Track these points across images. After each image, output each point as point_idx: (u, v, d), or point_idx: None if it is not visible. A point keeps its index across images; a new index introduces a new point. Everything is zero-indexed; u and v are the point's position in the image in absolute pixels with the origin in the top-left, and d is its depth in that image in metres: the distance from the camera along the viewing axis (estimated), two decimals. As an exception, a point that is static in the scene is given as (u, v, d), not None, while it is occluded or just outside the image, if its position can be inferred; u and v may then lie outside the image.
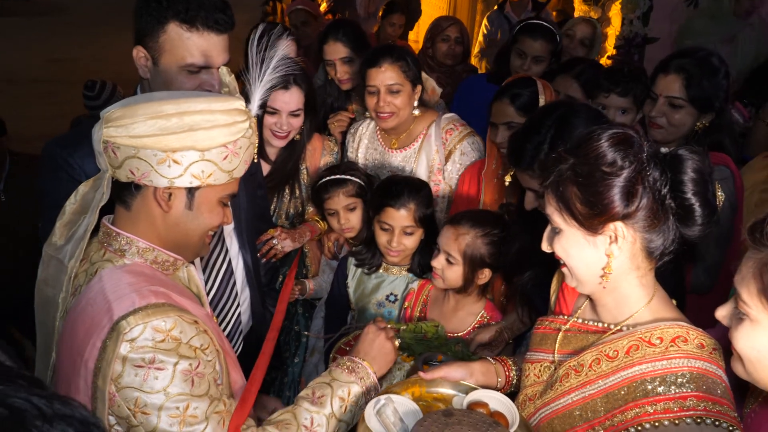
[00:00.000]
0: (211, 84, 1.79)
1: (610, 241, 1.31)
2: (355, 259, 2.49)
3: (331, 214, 2.61)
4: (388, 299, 2.44)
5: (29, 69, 9.20)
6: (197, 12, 1.72)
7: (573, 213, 1.31)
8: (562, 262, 1.40)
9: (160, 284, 1.41)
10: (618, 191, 1.26)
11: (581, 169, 1.30)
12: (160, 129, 1.32)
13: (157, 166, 1.35)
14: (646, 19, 4.83)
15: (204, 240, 1.52)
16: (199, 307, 1.49)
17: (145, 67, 1.82)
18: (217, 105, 1.39)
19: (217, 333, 1.53)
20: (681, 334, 1.30)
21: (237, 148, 1.41)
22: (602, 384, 1.34)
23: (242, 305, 2.21)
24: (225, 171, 1.41)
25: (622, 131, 1.30)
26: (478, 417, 1.40)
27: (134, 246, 1.44)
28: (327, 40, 3.11)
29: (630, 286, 1.36)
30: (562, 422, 1.40)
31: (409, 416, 1.46)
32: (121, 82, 4.43)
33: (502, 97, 2.43)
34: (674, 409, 1.24)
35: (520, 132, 1.93)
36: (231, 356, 1.59)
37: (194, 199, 1.43)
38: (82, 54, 10.05)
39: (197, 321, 1.37)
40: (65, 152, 1.80)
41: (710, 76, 2.35)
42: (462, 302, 2.26)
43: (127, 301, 1.33)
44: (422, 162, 2.71)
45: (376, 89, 2.60)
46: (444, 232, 2.19)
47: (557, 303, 1.60)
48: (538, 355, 1.54)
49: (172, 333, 1.31)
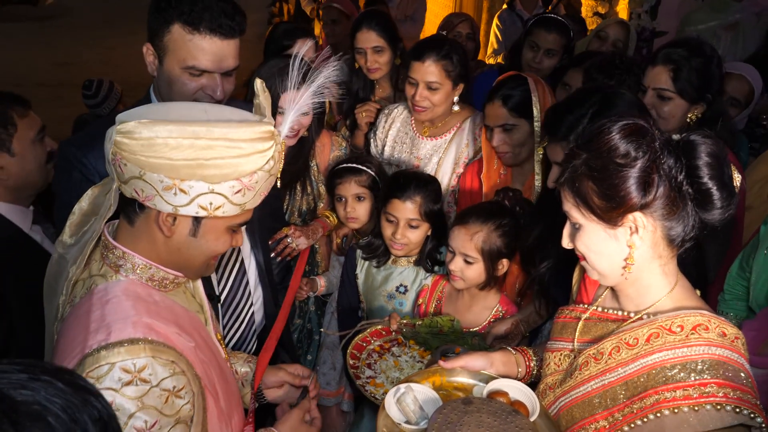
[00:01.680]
0: (212, 88, 1.78)
1: (631, 232, 1.31)
2: (363, 252, 2.50)
3: (339, 200, 2.63)
4: (398, 290, 2.44)
5: (36, 73, 9.21)
6: (201, 15, 1.71)
7: (591, 207, 1.31)
8: (583, 257, 1.40)
9: (148, 310, 1.31)
10: (634, 182, 1.26)
11: (595, 163, 1.30)
12: (170, 155, 1.22)
13: (162, 191, 1.26)
14: (653, 13, 4.83)
15: (209, 263, 1.44)
16: (190, 333, 1.39)
17: (153, 64, 1.83)
18: (238, 133, 1.26)
19: (210, 361, 1.43)
20: (702, 322, 1.30)
21: (252, 182, 1.30)
22: (622, 371, 1.35)
23: (255, 304, 2.22)
24: (236, 204, 1.31)
25: (632, 122, 1.30)
26: (497, 405, 1.40)
27: (130, 262, 1.36)
28: (360, 27, 3.13)
29: (652, 275, 1.36)
30: (582, 410, 1.41)
31: (429, 404, 1.47)
32: (128, 84, 4.46)
33: (493, 99, 2.41)
34: (694, 396, 1.24)
35: (562, 103, 1.93)
36: (223, 387, 1.47)
37: (200, 228, 1.34)
38: (88, 57, 10.08)
39: (174, 361, 1.26)
40: (79, 152, 1.81)
41: (700, 67, 2.30)
42: (477, 297, 2.26)
43: (103, 333, 1.24)
44: (450, 153, 2.72)
45: (416, 82, 2.61)
46: (455, 234, 2.19)
47: (579, 292, 1.61)
48: (559, 344, 1.54)
49: (142, 375, 1.21)
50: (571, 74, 2.94)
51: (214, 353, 1.48)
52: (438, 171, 2.72)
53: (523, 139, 2.40)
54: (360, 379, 2.03)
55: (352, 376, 2.04)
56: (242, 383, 1.78)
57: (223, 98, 1.81)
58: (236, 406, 1.56)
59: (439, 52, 2.59)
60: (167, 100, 1.85)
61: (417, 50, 2.64)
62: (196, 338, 1.40)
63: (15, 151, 2.12)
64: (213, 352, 1.48)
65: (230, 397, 1.51)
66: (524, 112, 2.37)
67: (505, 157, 2.45)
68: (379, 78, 3.18)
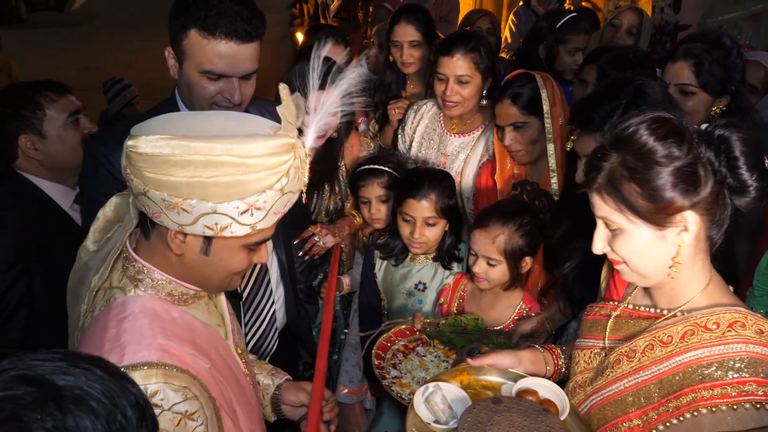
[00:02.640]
0: (230, 92, 1.78)
1: (680, 230, 1.27)
2: (381, 251, 2.50)
3: (364, 202, 2.64)
4: (417, 288, 2.44)
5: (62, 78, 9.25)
6: (216, 20, 1.70)
7: (637, 211, 1.26)
8: (621, 261, 1.34)
9: (164, 330, 1.27)
10: (682, 181, 1.23)
11: (635, 164, 1.25)
12: (171, 173, 1.15)
13: (166, 210, 1.19)
14: (677, 7, 4.74)
15: (230, 279, 1.37)
16: (207, 352, 1.34)
17: (174, 68, 1.84)
18: (244, 149, 1.16)
19: (228, 379, 1.39)
20: (738, 319, 1.27)
21: (261, 202, 1.20)
22: (656, 369, 1.32)
23: (277, 303, 2.22)
24: (245, 225, 1.22)
25: (666, 118, 1.26)
26: (527, 404, 1.38)
27: (149, 276, 1.32)
28: (399, 21, 3.14)
29: (692, 272, 1.33)
30: (615, 408, 1.38)
31: (458, 404, 1.45)
32: (154, 87, 4.55)
33: (503, 99, 2.40)
34: (732, 394, 1.21)
35: (594, 95, 1.90)
36: (243, 403, 1.43)
37: (211, 246, 1.27)
38: (113, 62, 10.23)
39: (187, 387, 1.21)
40: (106, 150, 1.82)
41: (721, 59, 2.25)
42: (500, 295, 2.25)
43: (116, 355, 1.20)
44: (478, 150, 2.71)
45: (446, 77, 2.61)
46: (476, 237, 2.17)
47: (608, 289, 1.58)
48: (589, 341, 1.52)
49: (154, 400, 1.17)
50: (587, 70, 2.90)
51: (233, 369, 1.44)
52: (465, 168, 2.71)
53: (535, 137, 2.39)
54: (386, 379, 2.02)
55: (378, 376, 2.03)
56: (263, 395, 1.77)
57: (241, 101, 1.81)
58: (257, 420, 1.52)
59: (467, 46, 2.59)
60: (188, 103, 1.86)
61: (445, 45, 2.63)
62: (213, 356, 1.36)
63: (47, 133, 2.28)
64: (231, 368, 1.44)
65: (250, 414, 1.47)
66: (534, 109, 2.35)
67: (519, 156, 2.44)
68: (413, 73, 3.19)
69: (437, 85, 2.66)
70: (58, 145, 2.29)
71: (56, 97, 2.32)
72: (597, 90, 1.92)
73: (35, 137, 2.26)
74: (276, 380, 1.78)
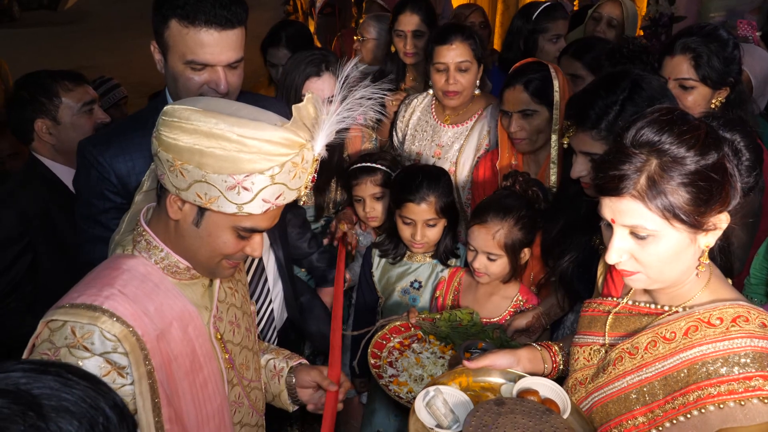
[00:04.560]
0: (216, 82, 1.76)
1: (708, 230, 1.25)
2: (379, 250, 2.49)
3: (357, 200, 2.63)
4: (413, 286, 2.43)
5: (57, 77, 9.33)
6: (195, 8, 1.69)
7: (682, 216, 1.21)
8: (634, 270, 1.29)
9: (130, 285, 1.33)
10: (726, 184, 1.21)
11: (676, 168, 1.19)
12: (178, 137, 1.24)
13: (168, 171, 1.29)
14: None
15: (220, 264, 1.41)
16: (167, 324, 1.36)
17: (160, 62, 1.83)
18: (244, 130, 1.23)
19: (183, 356, 1.39)
20: (742, 313, 1.26)
21: (248, 183, 1.25)
22: (660, 366, 1.30)
23: (275, 300, 2.22)
24: (232, 202, 1.27)
25: (697, 122, 1.23)
26: (530, 405, 1.37)
27: (144, 240, 1.40)
28: (404, 10, 3.14)
29: (695, 269, 1.30)
30: (618, 406, 1.37)
31: (460, 407, 1.44)
32: (148, 86, 4.51)
33: (514, 84, 2.36)
34: (739, 390, 1.20)
35: (589, 90, 1.86)
36: (198, 388, 1.43)
37: (202, 219, 1.34)
38: (107, 61, 10.18)
39: (120, 340, 1.26)
40: (95, 150, 1.82)
41: (719, 51, 2.24)
42: (497, 287, 2.23)
43: (77, 293, 1.31)
44: (472, 141, 2.71)
45: (446, 66, 2.60)
46: (475, 234, 2.15)
47: (605, 284, 1.56)
48: (588, 338, 1.49)
49: (85, 342, 1.25)
50: (564, 62, 2.87)
51: (197, 352, 1.42)
52: (459, 158, 2.70)
53: (541, 126, 2.36)
54: (383, 378, 2.01)
55: (375, 376, 2.01)
56: (278, 379, 1.75)
57: (227, 91, 1.78)
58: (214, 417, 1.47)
59: (463, 33, 2.61)
60: (176, 96, 1.85)
61: (441, 35, 2.63)
62: (175, 331, 1.37)
63: (61, 120, 2.47)
64: (195, 350, 1.42)
65: (206, 402, 1.44)
66: (544, 98, 2.33)
67: (521, 144, 2.40)
68: (413, 64, 3.18)
69: (436, 76, 2.64)
70: (70, 132, 2.45)
71: (73, 87, 2.51)
72: (592, 85, 1.89)
73: (50, 122, 2.44)
74: (290, 362, 1.77)
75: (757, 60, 3.00)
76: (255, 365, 1.67)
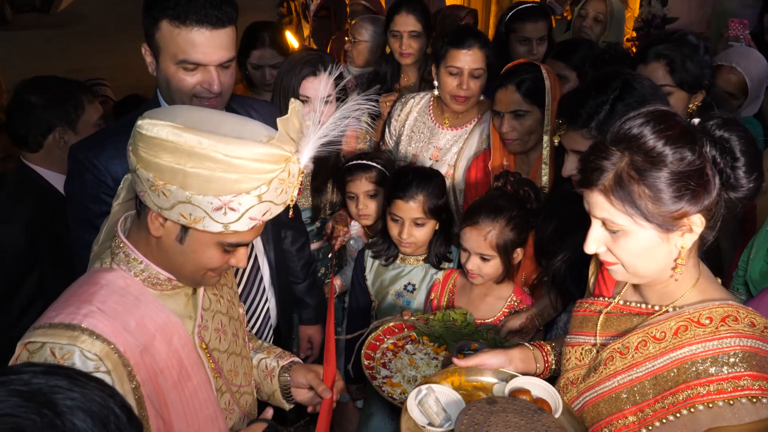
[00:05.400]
0: (209, 82, 1.76)
1: (683, 232, 1.25)
2: (372, 250, 2.49)
3: (351, 197, 2.62)
4: (406, 289, 2.43)
5: (51, 80, 9.31)
6: (186, 7, 1.69)
7: (646, 215, 1.22)
8: (616, 262, 1.31)
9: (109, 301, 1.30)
10: (695, 185, 1.20)
11: (645, 166, 1.21)
12: (160, 156, 1.19)
13: (149, 190, 1.24)
14: (664, 0, 4.75)
15: (205, 276, 1.38)
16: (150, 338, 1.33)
17: (152, 65, 1.82)
18: (228, 149, 1.18)
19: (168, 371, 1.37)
20: (731, 313, 1.27)
21: (236, 203, 1.22)
22: (650, 366, 1.31)
23: (270, 301, 2.23)
24: (218, 222, 1.24)
25: (671, 117, 1.23)
26: (522, 404, 1.38)
27: (123, 253, 1.36)
28: (399, 11, 3.12)
29: (685, 269, 1.30)
30: (609, 405, 1.37)
31: (452, 406, 1.44)
32: (142, 89, 4.48)
33: (506, 84, 2.36)
34: (728, 390, 1.20)
35: (581, 89, 1.88)
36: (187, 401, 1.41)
37: (186, 236, 1.29)
38: (102, 63, 10.15)
39: (101, 359, 1.24)
40: (91, 154, 1.81)
41: (692, 55, 2.27)
42: (491, 288, 2.24)
43: (54, 311, 1.27)
44: (471, 144, 2.70)
45: (460, 71, 2.58)
46: (467, 235, 2.15)
47: (596, 285, 1.57)
48: (579, 338, 1.50)
49: (65, 362, 1.22)
50: (550, 63, 2.88)
51: (184, 362, 1.41)
52: (458, 161, 2.70)
53: (533, 127, 2.37)
54: (376, 379, 2.00)
55: (368, 377, 2.01)
56: (270, 379, 1.74)
57: (221, 91, 1.79)
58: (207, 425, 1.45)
59: (479, 39, 2.59)
60: (168, 99, 1.84)
61: (459, 38, 2.59)
62: (159, 344, 1.35)
63: (79, 130, 2.48)
64: (182, 360, 1.40)
65: (196, 413, 1.42)
66: (536, 99, 2.34)
67: (513, 144, 2.41)
68: (409, 64, 3.17)
69: (448, 78, 2.61)
70: None
71: (92, 99, 2.57)
72: (584, 84, 1.91)
73: (70, 131, 2.45)
74: (281, 362, 1.75)
75: (753, 62, 3.03)
76: (244, 369, 1.66)
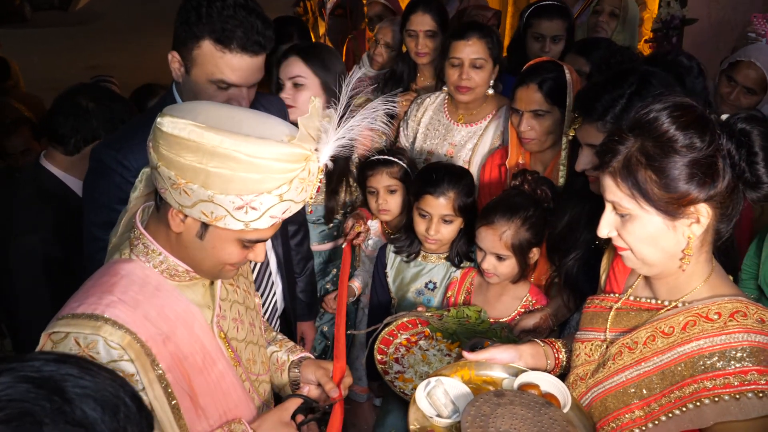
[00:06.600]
0: (238, 100, 1.78)
1: (691, 222, 1.25)
2: (394, 246, 2.48)
3: (371, 192, 2.62)
4: (427, 287, 2.43)
5: (70, 77, 9.40)
6: (233, 33, 1.70)
7: (651, 199, 1.24)
8: (625, 247, 1.32)
9: (130, 290, 1.32)
10: (701, 173, 1.21)
11: (654, 151, 1.22)
12: (182, 155, 1.20)
13: (171, 188, 1.25)
14: (683, 1, 4.71)
15: (222, 268, 1.40)
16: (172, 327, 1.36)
17: (179, 71, 1.82)
18: (250, 148, 1.19)
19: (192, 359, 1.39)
20: (740, 308, 1.27)
21: (257, 203, 1.24)
22: (658, 361, 1.32)
23: (277, 292, 2.30)
24: (239, 220, 1.26)
25: (689, 106, 1.23)
26: (530, 397, 1.39)
27: (141, 244, 1.38)
28: (416, 10, 3.14)
29: (696, 264, 1.32)
30: (617, 400, 1.38)
31: (460, 398, 1.45)
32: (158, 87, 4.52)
33: (527, 83, 2.34)
34: (734, 384, 1.21)
35: (597, 83, 1.88)
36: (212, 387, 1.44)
37: (206, 233, 1.31)
38: (119, 60, 10.26)
39: (124, 348, 1.26)
40: (119, 155, 1.79)
41: (683, 78, 2.26)
42: (507, 287, 2.24)
43: (77, 302, 1.29)
44: (486, 140, 2.71)
45: (461, 62, 2.62)
46: (483, 235, 2.15)
47: (607, 281, 1.57)
48: (589, 334, 1.51)
49: (90, 351, 1.24)
50: (569, 59, 2.87)
51: (207, 349, 1.44)
52: (473, 158, 2.71)
53: (552, 128, 2.35)
54: (388, 374, 2.02)
55: (381, 372, 2.03)
56: (280, 373, 1.76)
57: (247, 106, 1.81)
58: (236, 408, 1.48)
59: (481, 30, 2.63)
60: (184, 96, 1.86)
61: (459, 30, 2.65)
62: (180, 332, 1.37)
63: None
64: (206, 348, 1.44)
65: (225, 399, 1.46)
66: (557, 99, 2.32)
67: (530, 144, 2.40)
68: (425, 64, 3.19)
69: (450, 71, 2.65)
70: None
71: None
72: (602, 79, 1.91)
73: None
74: (292, 356, 1.77)
75: None
76: (262, 359, 1.68)
